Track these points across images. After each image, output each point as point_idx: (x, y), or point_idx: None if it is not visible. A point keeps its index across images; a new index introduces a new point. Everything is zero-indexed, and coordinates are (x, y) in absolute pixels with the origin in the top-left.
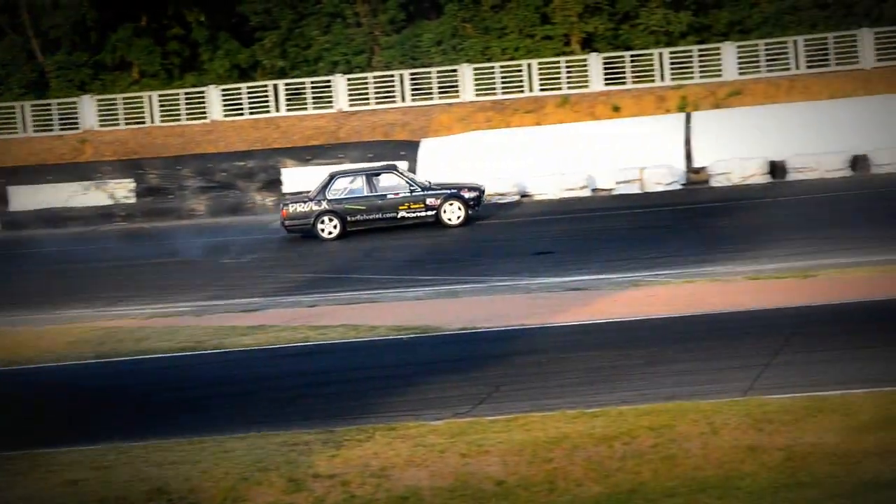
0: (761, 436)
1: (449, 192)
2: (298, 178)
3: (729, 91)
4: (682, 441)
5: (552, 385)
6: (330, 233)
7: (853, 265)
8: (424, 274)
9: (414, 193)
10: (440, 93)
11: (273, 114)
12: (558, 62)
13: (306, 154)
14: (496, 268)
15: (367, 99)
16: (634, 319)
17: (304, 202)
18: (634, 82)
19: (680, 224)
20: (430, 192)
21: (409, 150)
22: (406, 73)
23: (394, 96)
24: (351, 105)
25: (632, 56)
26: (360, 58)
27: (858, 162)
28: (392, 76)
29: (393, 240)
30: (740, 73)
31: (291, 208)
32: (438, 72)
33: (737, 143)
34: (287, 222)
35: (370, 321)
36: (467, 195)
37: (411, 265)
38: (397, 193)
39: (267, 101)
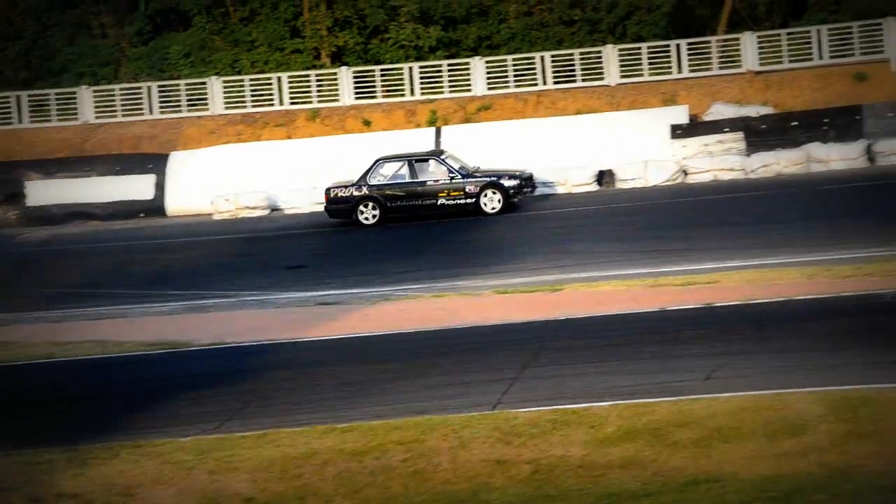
0: (509, 449)
1: (488, 179)
2: (44, 191)
3: (478, 105)
4: (431, 455)
5: (303, 400)
6: (367, 218)
7: (600, 279)
8: (174, 289)
9: (454, 181)
10: (189, 105)
11: (16, 125)
12: (308, 76)
13: (52, 167)
14: (247, 282)
15: (115, 111)
16: (385, 334)
17: (346, 187)
18: (385, 96)
19: (428, 239)
20: (469, 180)
21: (157, 163)
22: (154, 85)
23: (142, 109)
24: (97, 117)
25: (382, 70)
26: (106, 69)
27: (605, 176)
28: (140, 88)
29: (145, 254)
30: (489, 88)
31: (333, 193)
32: (187, 84)
33: (486, 158)
34: (329, 206)
35: (118, 337)
36: (507, 183)
37: (161, 280)
38: (437, 180)
39: (9, 113)
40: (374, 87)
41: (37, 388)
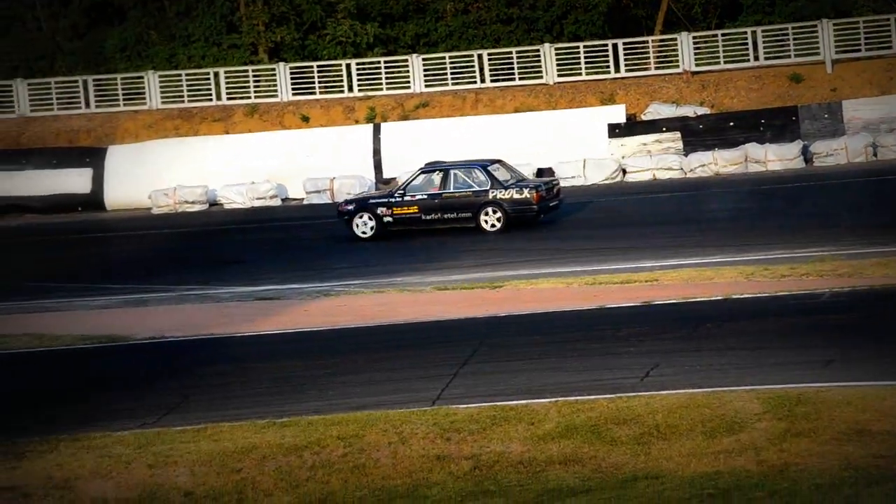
0: (449, 445)
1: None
2: None
3: (417, 103)
4: (371, 451)
5: (242, 395)
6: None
7: (539, 276)
8: (114, 283)
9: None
10: (126, 99)
11: None
12: (246, 71)
13: None
14: (186, 277)
15: (51, 104)
16: (324, 329)
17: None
18: (322, 92)
19: (375, 237)
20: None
21: (95, 156)
22: (90, 78)
23: (78, 102)
24: (33, 110)
25: (319, 66)
26: (41, 62)
27: (544, 174)
28: (76, 82)
29: (82, 248)
30: (427, 86)
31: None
32: (123, 78)
33: (425, 155)
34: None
35: (55, 330)
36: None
37: (101, 274)
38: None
39: None
40: (312, 83)
41: None
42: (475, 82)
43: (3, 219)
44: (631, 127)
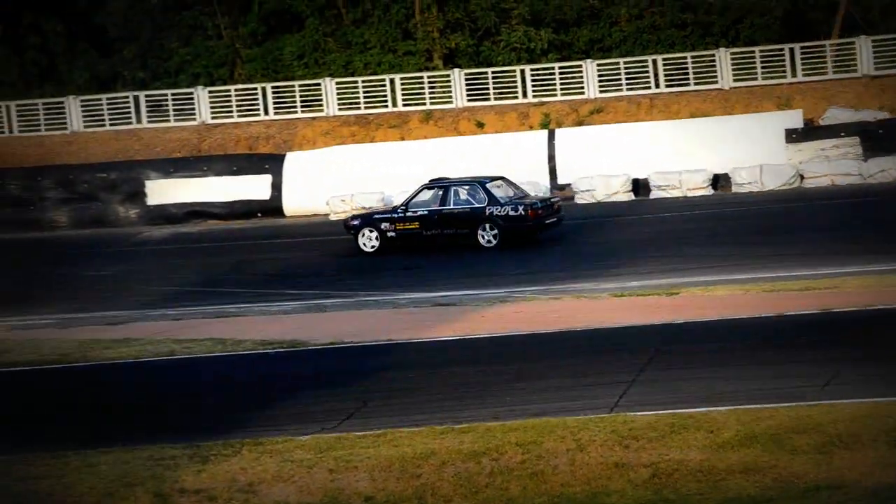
0: (627, 452)
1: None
2: (162, 190)
3: (591, 108)
4: (549, 457)
5: (420, 400)
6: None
7: (716, 283)
8: (292, 288)
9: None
10: (303, 106)
11: (135, 125)
12: (421, 77)
13: (170, 166)
14: (364, 282)
15: (231, 111)
16: (502, 335)
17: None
18: (497, 99)
19: (544, 241)
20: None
21: (274, 163)
22: (268, 86)
23: (257, 109)
24: (214, 117)
25: (494, 73)
26: (221, 70)
27: (720, 180)
28: (255, 89)
29: (262, 253)
30: (601, 91)
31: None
32: (301, 85)
33: (600, 161)
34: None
35: (237, 335)
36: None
37: (280, 279)
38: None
39: (128, 113)
40: (486, 89)
41: (157, 385)
42: (650, 87)
43: (186, 225)
44: (808, 132)
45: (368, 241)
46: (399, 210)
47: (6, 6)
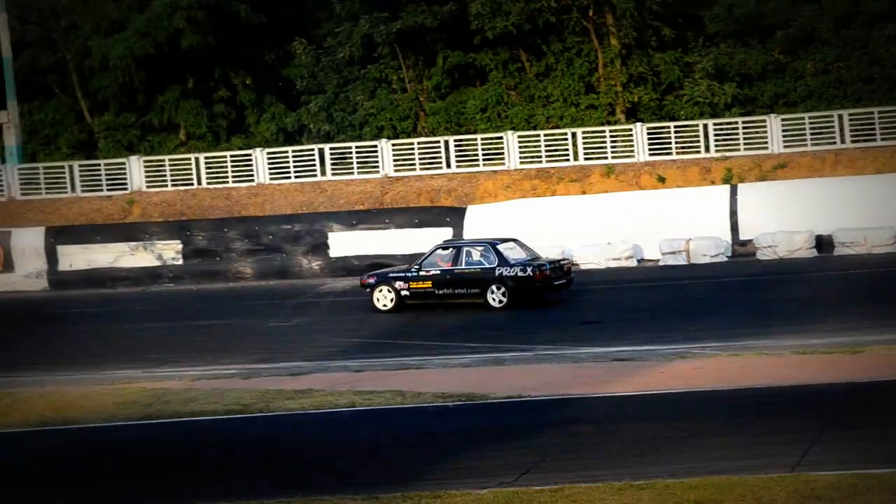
0: None
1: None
2: (345, 242)
3: (774, 164)
4: None
5: (598, 456)
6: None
7: None
8: (471, 341)
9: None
10: (485, 159)
11: (319, 178)
12: (603, 131)
13: (352, 218)
14: (543, 336)
15: (413, 164)
16: (681, 391)
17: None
18: (679, 153)
19: (727, 297)
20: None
21: (454, 216)
22: (451, 139)
23: (439, 162)
24: (396, 170)
25: (676, 127)
26: (405, 123)
27: None
28: (437, 142)
29: (440, 307)
30: (785, 146)
31: None
32: (483, 139)
33: (783, 216)
34: None
35: (416, 387)
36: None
37: (457, 332)
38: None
39: (313, 165)
40: (668, 143)
41: (336, 437)
42: (835, 143)
43: None
44: None
45: (383, 297)
46: (413, 269)
47: (197, 60)
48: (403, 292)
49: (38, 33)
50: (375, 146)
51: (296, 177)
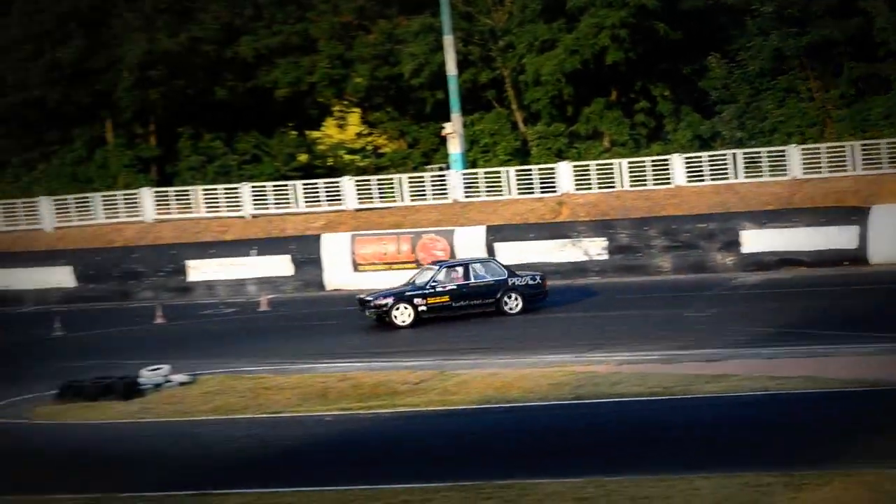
0: None
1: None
2: (756, 239)
3: None
4: None
5: None
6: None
7: None
8: (877, 331)
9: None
10: (890, 162)
11: (732, 180)
12: None
13: (763, 217)
14: None
15: (819, 167)
16: None
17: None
18: None
19: None
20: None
21: (859, 215)
22: (857, 143)
23: (845, 165)
24: (804, 173)
25: None
26: (812, 129)
27: None
28: (843, 147)
29: (848, 299)
30: None
31: None
32: (887, 143)
33: None
34: None
35: (826, 374)
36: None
37: (866, 323)
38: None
39: (726, 169)
40: None
41: (753, 417)
42: None
43: (777, 271)
44: None
45: (401, 314)
46: (428, 286)
47: (620, 74)
48: (421, 308)
49: (479, 53)
50: (784, 151)
51: (710, 179)
